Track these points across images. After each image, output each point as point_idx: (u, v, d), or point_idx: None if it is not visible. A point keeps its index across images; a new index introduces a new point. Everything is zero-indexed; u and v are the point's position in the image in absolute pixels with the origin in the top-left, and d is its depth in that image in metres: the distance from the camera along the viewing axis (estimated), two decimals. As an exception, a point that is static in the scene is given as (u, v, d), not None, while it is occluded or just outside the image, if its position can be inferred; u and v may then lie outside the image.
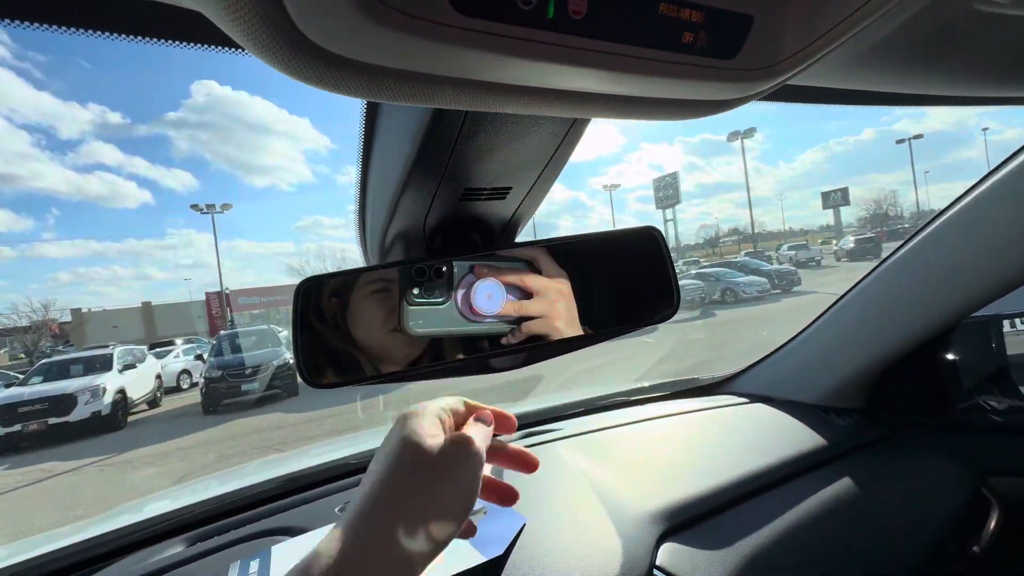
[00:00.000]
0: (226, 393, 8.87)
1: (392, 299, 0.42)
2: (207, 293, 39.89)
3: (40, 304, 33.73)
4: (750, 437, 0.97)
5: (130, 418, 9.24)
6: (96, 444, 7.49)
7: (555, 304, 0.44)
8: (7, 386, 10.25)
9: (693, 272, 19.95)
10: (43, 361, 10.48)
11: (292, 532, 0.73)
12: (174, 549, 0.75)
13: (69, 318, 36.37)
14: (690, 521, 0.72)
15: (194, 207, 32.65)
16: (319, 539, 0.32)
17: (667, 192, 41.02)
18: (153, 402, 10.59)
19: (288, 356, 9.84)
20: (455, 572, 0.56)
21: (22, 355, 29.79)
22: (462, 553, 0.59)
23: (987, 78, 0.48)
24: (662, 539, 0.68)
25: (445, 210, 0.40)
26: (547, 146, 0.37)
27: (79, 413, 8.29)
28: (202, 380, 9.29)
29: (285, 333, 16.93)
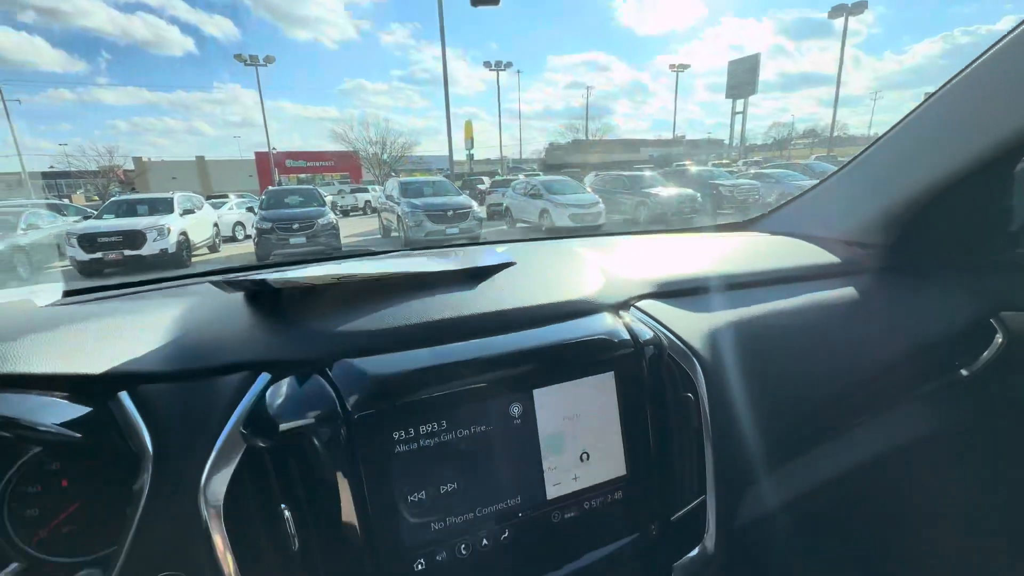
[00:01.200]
0: (276, 244, 9.47)
1: None
2: (256, 153, 40.61)
3: (105, 149, 35.45)
4: (761, 254, 0.96)
5: (193, 259, 10.13)
6: (166, 276, 8.38)
7: None
8: (85, 219, 11.25)
9: (752, 172, 18.66)
10: (112, 199, 11.31)
11: None
12: None
13: (132, 166, 38.31)
14: (679, 292, 0.75)
15: (237, 57, 31.97)
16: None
17: (743, 78, 36.43)
18: (213, 247, 11.49)
19: (332, 217, 10.23)
20: (438, 270, 0.63)
21: (95, 197, 32.17)
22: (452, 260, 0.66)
23: None
24: (648, 297, 0.72)
25: None
26: None
27: (149, 248, 9.14)
28: (255, 230, 9.89)
29: (330, 198, 17.44)
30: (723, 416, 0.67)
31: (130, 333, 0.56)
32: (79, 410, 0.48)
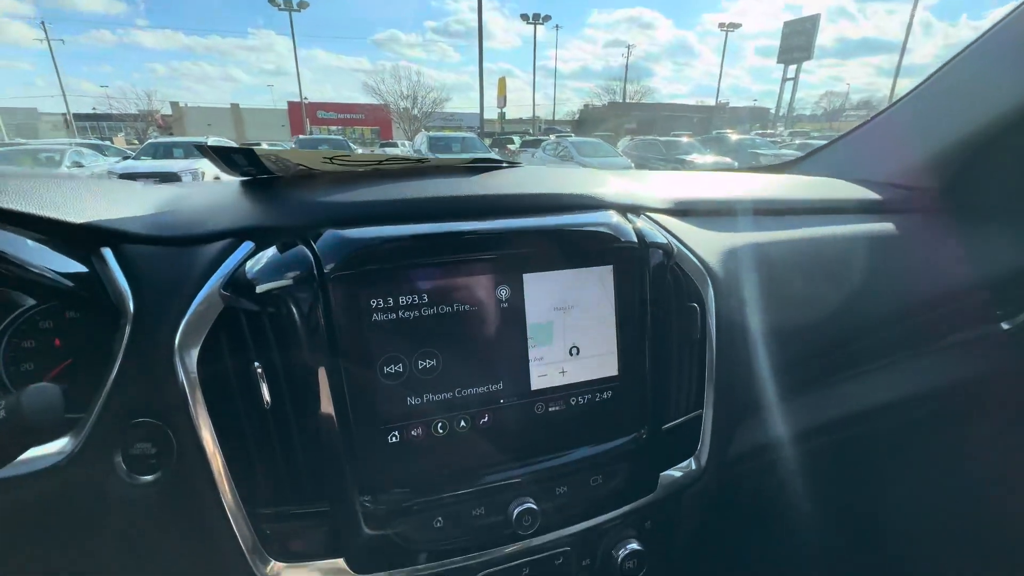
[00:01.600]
0: (304, 192, 9.62)
1: None
2: (289, 103, 40.66)
3: (144, 93, 36.15)
4: (794, 188, 0.89)
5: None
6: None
7: None
8: (125, 159, 11.59)
9: (796, 143, 17.84)
10: (150, 141, 11.59)
11: None
12: None
13: (169, 110, 39.03)
14: (698, 212, 0.70)
15: (271, 1, 31.81)
16: None
17: (798, 40, 33.96)
18: (244, 193, 11.73)
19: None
20: (438, 164, 0.61)
21: (135, 141, 33.10)
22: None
23: None
24: (663, 212, 0.67)
25: None
26: None
27: (184, 190, 9.39)
28: (284, 178, 10.04)
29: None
30: (730, 334, 0.63)
31: (119, 197, 0.56)
32: (65, 262, 0.49)
